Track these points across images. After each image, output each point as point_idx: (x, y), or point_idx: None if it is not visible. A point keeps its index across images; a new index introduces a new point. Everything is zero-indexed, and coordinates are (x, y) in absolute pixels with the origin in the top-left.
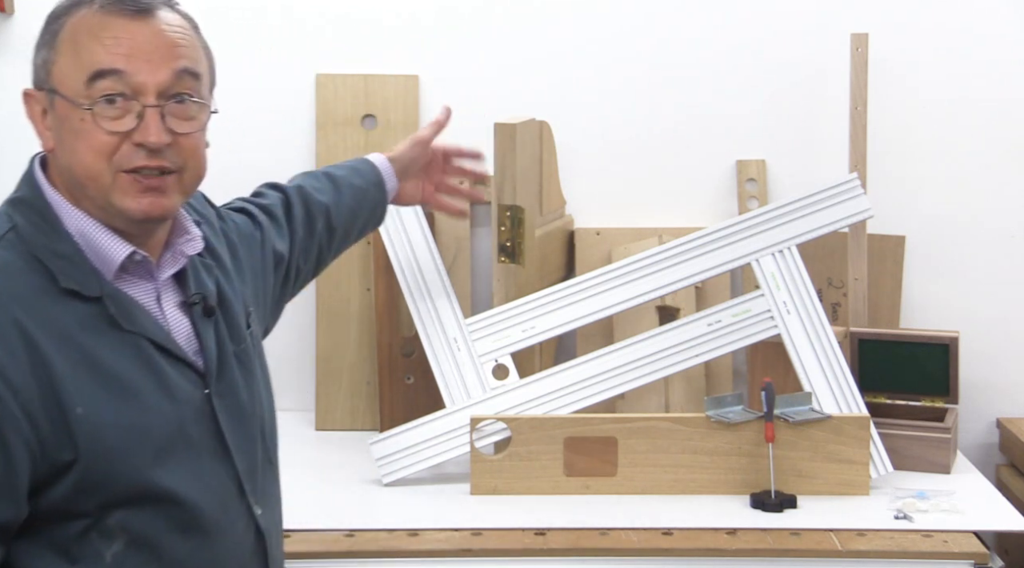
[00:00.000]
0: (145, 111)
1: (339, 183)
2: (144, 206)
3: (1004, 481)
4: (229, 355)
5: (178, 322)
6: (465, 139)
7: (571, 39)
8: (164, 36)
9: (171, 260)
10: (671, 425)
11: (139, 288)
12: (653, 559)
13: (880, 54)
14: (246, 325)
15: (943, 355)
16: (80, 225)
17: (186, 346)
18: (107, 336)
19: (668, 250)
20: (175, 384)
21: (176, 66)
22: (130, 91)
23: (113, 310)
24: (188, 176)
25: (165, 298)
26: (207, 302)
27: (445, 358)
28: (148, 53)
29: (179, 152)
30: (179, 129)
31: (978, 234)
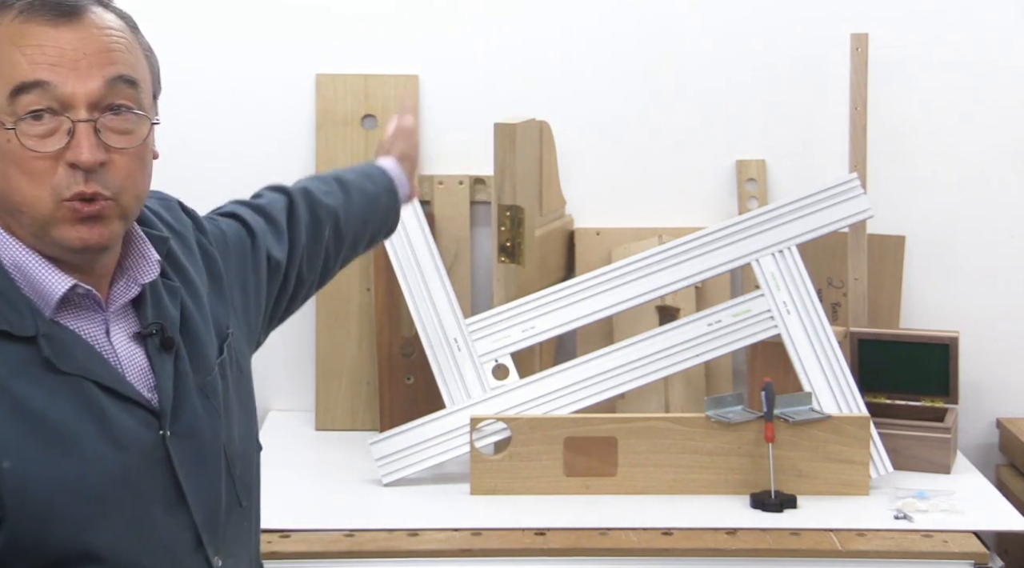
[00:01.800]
0: (76, 127)
1: (349, 187)
2: (83, 235)
3: (1004, 481)
4: (190, 390)
5: (131, 356)
6: (465, 139)
7: (571, 39)
8: (94, 40)
9: (124, 288)
10: (671, 425)
11: (85, 321)
12: (653, 559)
13: (880, 54)
14: (218, 352)
15: (943, 355)
16: (15, 256)
17: (139, 383)
18: (42, 380)
19: (668, 250)
20: (121, 428)
21: (109, 73)
22: (58, 105)
23: (48, 351)
24: (126, 199)
25: (116, 330)
26: (165, 333)
27: (445, 358)
28: (75, 60)
29: (114, 174)
30: (116, 144)
31: (978, 234)
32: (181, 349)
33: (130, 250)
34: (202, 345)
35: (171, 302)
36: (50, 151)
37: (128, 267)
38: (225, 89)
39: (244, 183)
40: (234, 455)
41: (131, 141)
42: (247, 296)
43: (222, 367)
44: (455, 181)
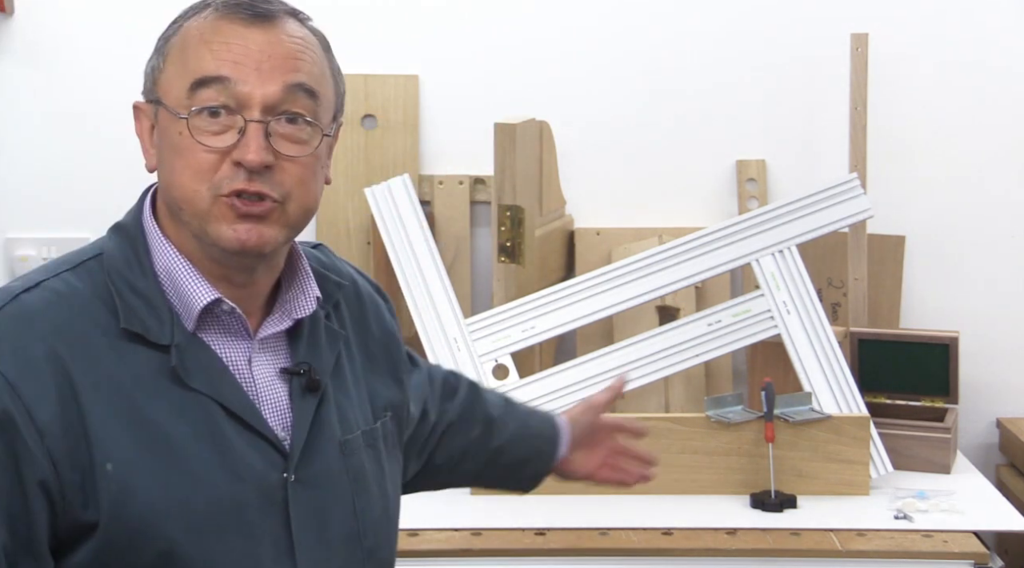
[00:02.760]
0: (247, 126)
1: (514, 410)
2: (240, 234)
3: (1004, 481)
4: (330, 441)
5: (271, 391)
6: (465, 139)
7: (571, 39)
8: (281, 45)
9: (276, 320)
10: (671, 425)
11: (228, 344)
12: (653, 559)
13: (880, 54)
14: (370, 420)
15: (943, 355)
16: (168, 262)
17: (273, 419)
18: (167, 392)
19: (668, 250)
20: (242, 460)
21: (289, 79)
22: (234, 103)
23: (177, 362)
24: (293, 208)
25: (261, 360)
26: (313, 375)
27: (445, 358)
28: (259, 61)
29: (283, 179)
30: (285, 151)
31: (978, 234)
32: (328, 396)
33: (292, 282)
34: (350, 403)
35: (329, 346)
36: (219, 147)
37: (287, 299)
38: None
39: None
40: (369, 526)
41: (301, 150)
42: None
43: (371, 437)
44: (455, 181)
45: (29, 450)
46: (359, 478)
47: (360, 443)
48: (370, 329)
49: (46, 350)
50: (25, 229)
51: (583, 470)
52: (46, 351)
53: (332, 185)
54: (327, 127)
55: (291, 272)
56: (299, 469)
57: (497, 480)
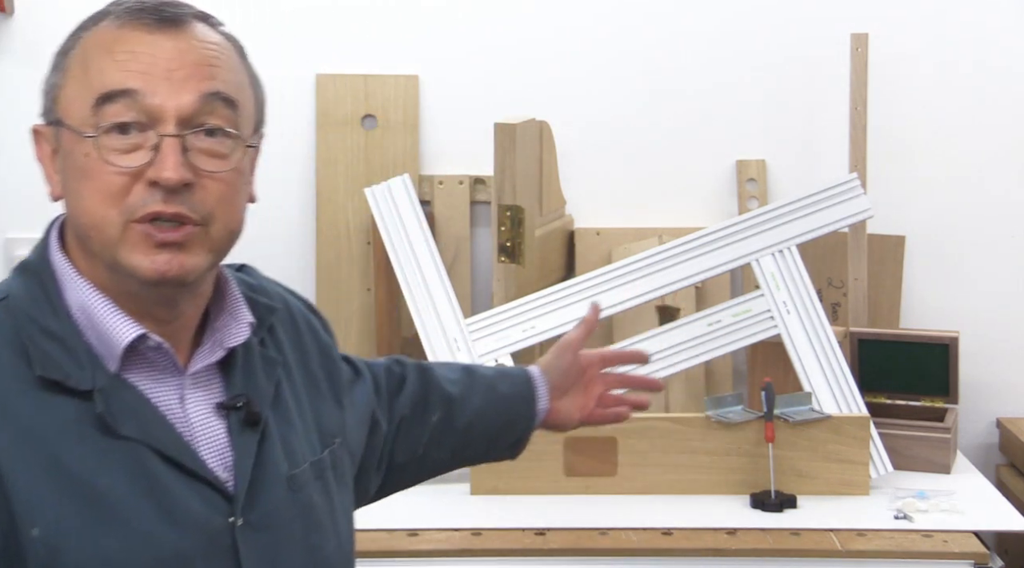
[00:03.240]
0: (162, 142)
1: (476, 380)
2: (159, 265)
3: (1004, 481)
4: (275, 477)
5: (208, 429)
6: (465, 139)
7: (571, 39)
8: (193, 52)
9: (207, 351)
10: (671, 425)
11: (157, 382)
12: (653, 559)
13: (880, 54)
14: (317, 449)
15: (943, 355)
16: (83, 299)
17: (213, 460)
18: (94, 442)
19: (668, 250)
20: (183, 508)
21: (205, 88)
22: (146, 118)
23: (103, 409)
24: (216, 230)
25: (194, 397)
26: (252, 407)
27: (445, 358)
28: (170, 70)
29: (204, 198)
30: (205, 166)
31: (978, 234)
32: (270, 429)
33: (221, 308)
34: (294, 433)
35: (266, 374)
36: (131, 167)
37: (217, 327)
38: None
39: None
40: (323, 564)
41: (223, 165)
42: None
43: (319, 468)
44: (455, 181)
45: None
46: (310, 514)
47: (308, 476)
48: (308, 351)
49: None
50: (25, 229)
51: (573, 418)
52: None
53: (332, 185)
54: (249, 139)
55: (219, 299)
56: (246, 511)
57: (477, 456)
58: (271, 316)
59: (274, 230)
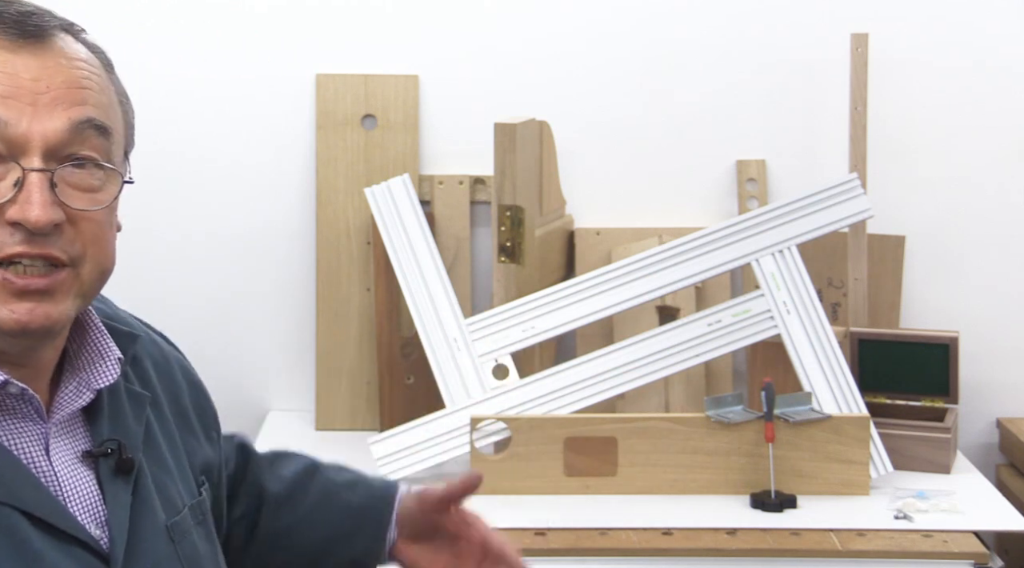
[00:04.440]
0: (27, 177)
1: (315, 480)
2: (20, 315)
3: (1004, 481)
4: (154, 529)
5: (76, 481)
6: (465, 139)
7: (571, 39)
8: (61, 72)
9: (73, 394)
10: (671, 425)
11: (17, 433)
12: (653, 559)
13: (880, 54)
14: (194, 492)
15: (943, 355)
16: None
17: (85, 516)
18: None
19: (668, 250)
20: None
21: (76, 115)
22: (6, 149)
23: None
24: (87, 271)
25: (59, 446)
26: (124, 453)
27: (445, 358)
28: (35, 94)
29: (74, 237)
30: (77, 205)
31: (978, 234)
32: (144, 476)
33: (84, 344)
34: (169, 476)
35: (134, 415)
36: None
37: (80, 366)
38: (225, 89)
39: (243, 183)
40: None
41: (95, 201)
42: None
43: (199, 512)
44: (455, 181)
45: None
46: (194, 564)
47: (189, 522)
48: (178, 383)
49: None
50: None
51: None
52: None
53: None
54: (123, 168)
55: (80, 332)
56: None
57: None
58: (133, 345)
59: (274, 230)
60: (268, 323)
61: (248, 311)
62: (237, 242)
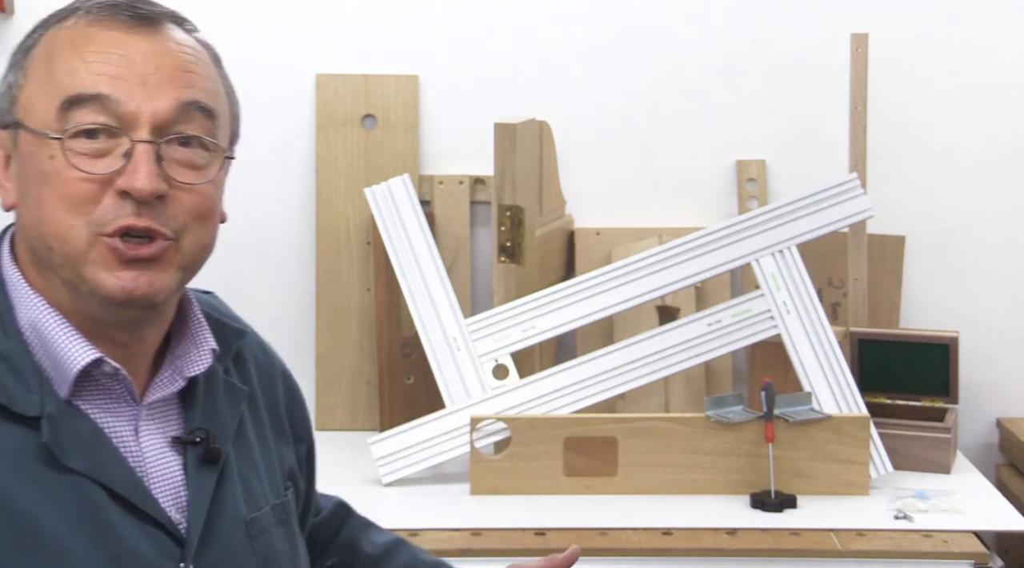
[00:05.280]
0: (135, 148)
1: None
2: (126, 282)
3: (1004, 481)
4: (233, 521)
5: (162, 465)
6: (465, 139)
7: (571, 39)
8: (171, 55)
9: (167, 380)
10: (671, 425)
11: (110, 412)
12: (653, 559)
13: (880, 54)
14: (280, 491)
15: (943, 355)
16: (35, 316)
17: (166, 500)
18: (36, 473)
19: (668, 250)
20: (131, 552)
21: (183, 96)
22: (117, 123)
23: (49, 438)
24: (188, 245)
25: (149, 429)
26: (211, 443)
27: (445, 358)
28: (145, 74)
29: (176, 211)
30: (180, 178)
31: (978, 234)
32: (230, 468)
33: (183, 333)
34: (255, 473)
35: (229, 406)
36: (99, 173)
37: (178, 354)
38: None
39: (243, 183)
40: None
41: (199, 177)
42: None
43: (282, 512)
44: (455, 181)
45: None
46: (269, 562)
47: (270, 520)
48: (277, 386)
49: None
50: None
51: None
52: None
53: (332, 185)
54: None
55: (182, 322)
56: (198, 558)
57: None
58: (240, 341)
59: (274, 230)
60: (268, 323)
61: (248, 311)
62: (237, 242)
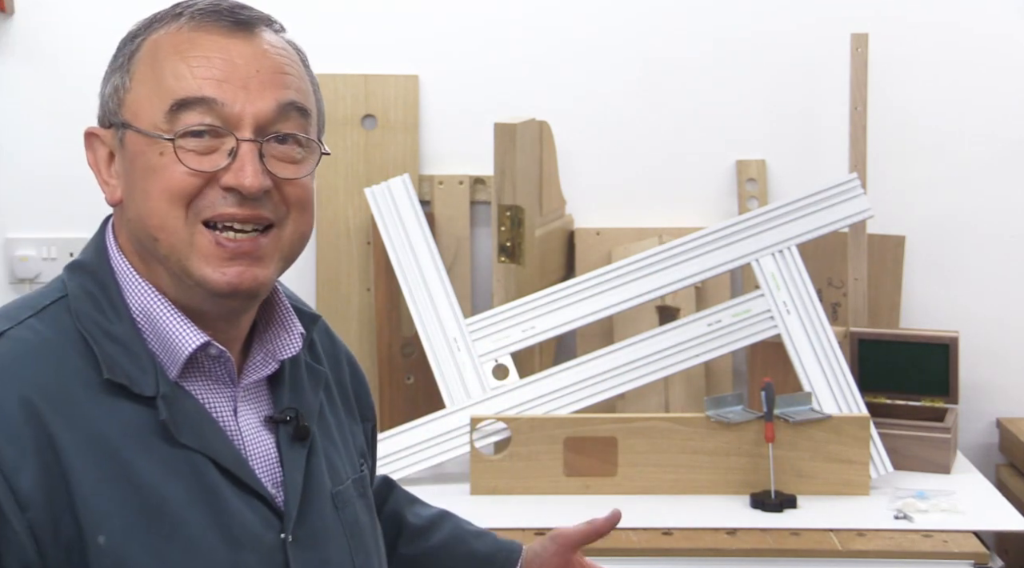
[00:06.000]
0: (240, 147)
1: (448, 524)
2: (231, 277)
3: (1004, 481)
4: (322, 494)
5: (258, 443)
6: (465, 139)
7: (571, 39)
8: (268, 58)
9: (260, 363)
10: (671, 425)
11: (212, 392)
12: (653, 559)
13: (880, 54)
14: (356, 468)
15: (943, 355)
16: (145, 302)
17: (264, 475)
18: (156, 449)
19: (668, 250)
20: (239, 522)
21: (282, 97)
22: (222, 124)
23: (166, 415)
24: (290, 234)
25: (245, 410)
26: (301, 421)
27: (445, 358)
28: (246, 77)
29: (279, 203)
30: (282, 173)
31: (978, 234)
32: (317, 444)
33: (272, 317)
34: (335, 450)
35: (312, 388)
36: (206, 170)
37: (268, 338)
38: None
39: None
40: None
41: (298, 171)
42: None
43: (361, 486)
44: (455, 181)
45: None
46: (355, 533)
47: (352, 493)
48: (343, 367)
49: (22, 408)
50: (25, 229)
51: None
52: (22, 409)
53: (332, 185)
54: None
55: (268, 308)
56: (296, 528)
57: None
58: (314, 325)
59: None
60: None
61: None
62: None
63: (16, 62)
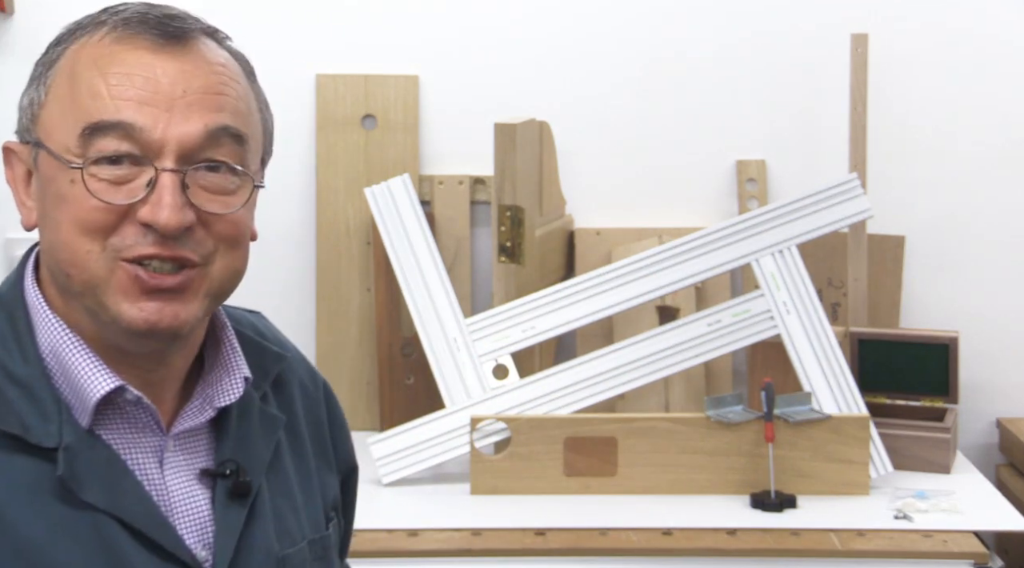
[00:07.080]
0: (159, 177)
1: None
2: (148, 314)
3: (1004, 481)
4: (262, 558)
5: (188, 499)
6: (465, 139)
7: (571, 39)
8: (201, 76)
9: (197, 408)
10: (671, 425)
11: (133, 442)
12: (653, 559)
13: (880, 54)
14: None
15: (943, 355)
16: (55, 341)
17: (191, 536)
18: (50, 508)
19: (668, 250)
20: None
21: (213, 121)
22: (140, 151)
23: (64, 471)
24: (218, 271)
25: (175, 461)
26: (241, 476)
27: (445, 358)
28: (171, 99)
29: (205, 238)
30: (208, 207)
31: (978, 234)
32: (262, 501)
33: (215, 359)
34: (291, 506)
35: (264, 436)
36: (119, 203)
37: (209, 382)
38: None
39: None
40: None
41: (227, 205)
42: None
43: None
44: (455, 181)
45: None
46: None
47: (306, 556)
48: (321, 411)
49: None
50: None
51: None
52: None
53: (332, 185)
54: (257, 176)
55: (214, 346)
56: None
57: None
58: (279, 365)
59: (274, 230)
60: None
61: None
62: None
63: (16, 62)
